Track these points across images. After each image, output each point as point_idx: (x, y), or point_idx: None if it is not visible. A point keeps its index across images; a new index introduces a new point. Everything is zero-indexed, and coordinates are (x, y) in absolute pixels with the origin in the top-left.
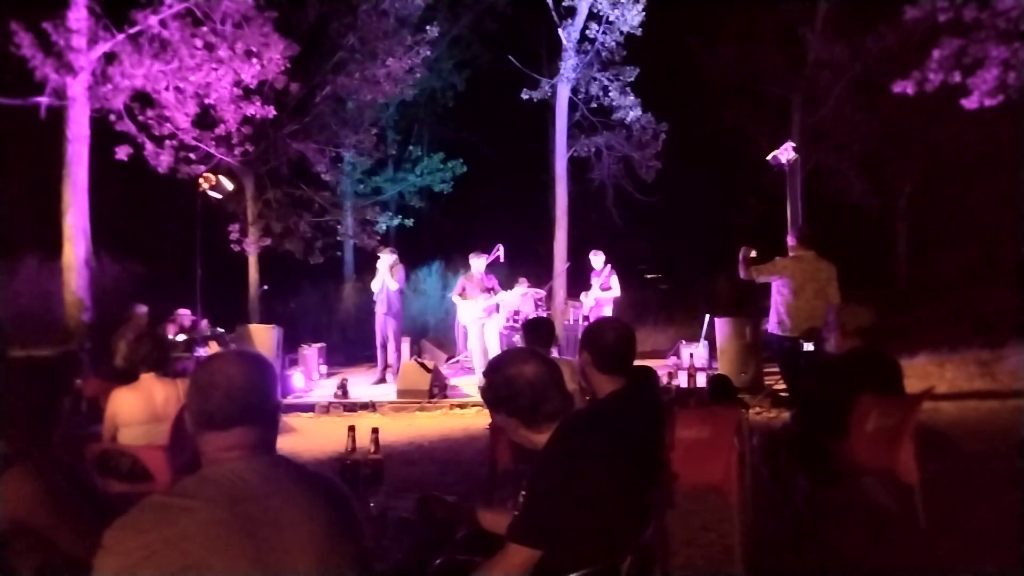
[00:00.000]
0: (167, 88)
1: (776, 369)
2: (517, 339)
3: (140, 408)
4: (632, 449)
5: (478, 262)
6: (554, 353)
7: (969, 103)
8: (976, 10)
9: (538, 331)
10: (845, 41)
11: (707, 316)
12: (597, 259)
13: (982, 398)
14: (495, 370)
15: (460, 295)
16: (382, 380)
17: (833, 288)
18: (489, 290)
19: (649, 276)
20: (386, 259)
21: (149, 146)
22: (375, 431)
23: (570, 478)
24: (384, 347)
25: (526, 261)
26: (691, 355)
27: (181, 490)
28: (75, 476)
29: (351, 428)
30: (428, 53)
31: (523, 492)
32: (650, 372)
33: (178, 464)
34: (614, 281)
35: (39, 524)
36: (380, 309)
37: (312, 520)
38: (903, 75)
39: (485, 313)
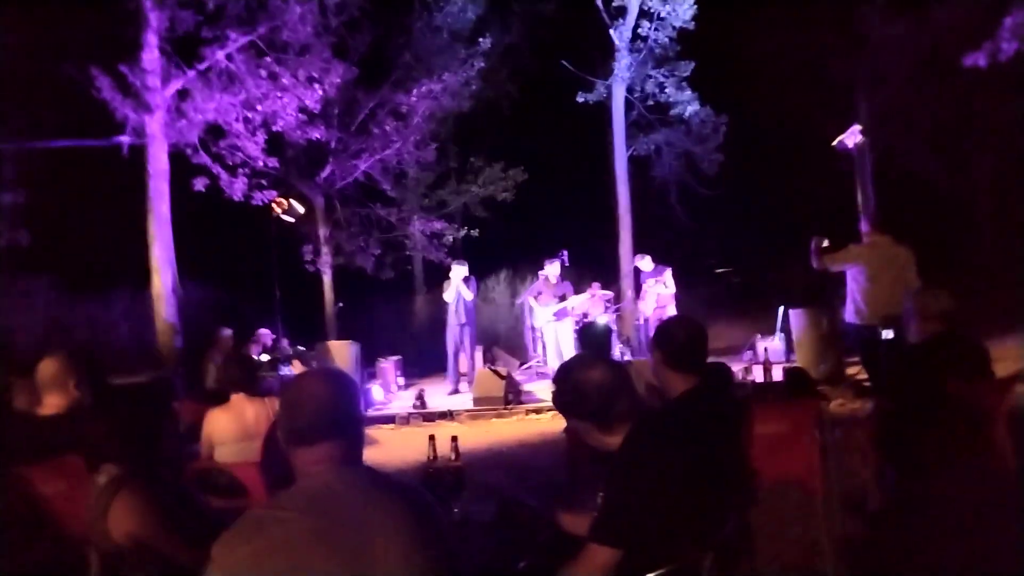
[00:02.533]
0: (237, 119)
1: (857, 359)
2: None
3: (233, 427)
4: (707, 447)
5: (552, 268)
6: (627, 355)
7: None
8: None
9: (592, 338)
10: (908, 16)
11: (782, 308)
12: (645, 262)
13: None
14: (563, 377)
15: (535, 298)
16: (457, 390)
17: (912, 274)
18: (562, 296)
19: (719, 271)
20: (459, 270)
21: (224, 176)
22: (454, 439)
23: (645, 477)
24: (457, 357)
25: (593, 264)
26: (765, 349)
27: (276, 503)
28: (180, 494)
29: (431, 437)
30: (482, 64)
31: (601, 493)
32: (724, 369)
33: (271, 478)
34: (669, 277)
35: (150, 539)
36: (453, 320)
37: (398, 526)
38: (974, 48)
39: (555, 317)
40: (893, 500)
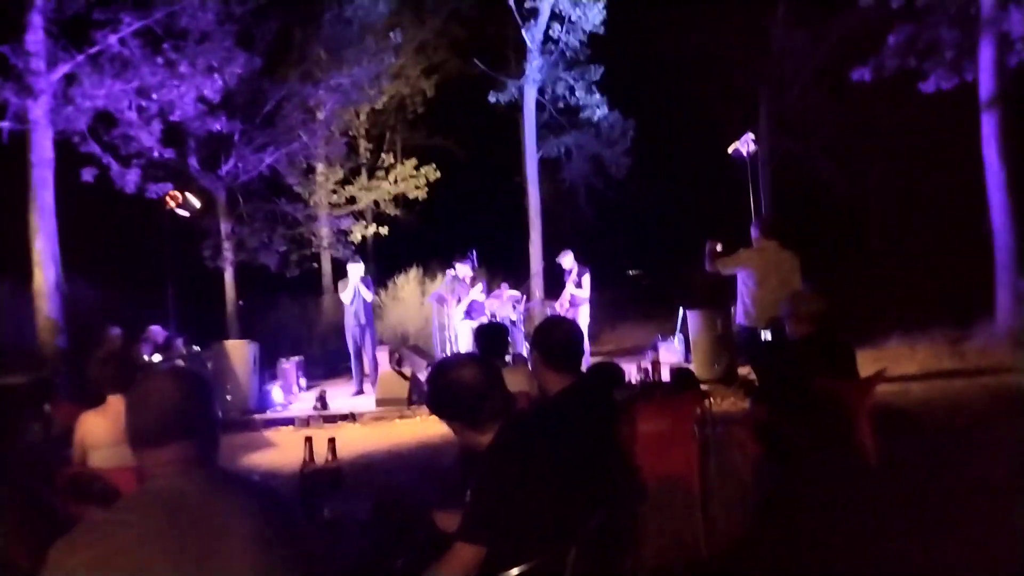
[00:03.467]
0: (130, 107)
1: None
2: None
3: (108, 430)
4: (576, 443)
5: (463, 268)
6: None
7: (926, 87)
8: None
9: (488, 338)
10: (806, 30)
11: (681, 309)
12: (566, 259)
13: (950, 377)
14: (435, 377)
15: (457, 302)
16: (361, 391)
17: (796, 278)
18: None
19: (632, 272)
20: (356, 269)
21: (115, 166)
22: (331, 440)
23: (510, 475)
24: (359, 357)
25: (503, 263)
26: (654, 349)
27: (120, 506)
28: (35, 499)
29: (308, 439)
30: (393, 59)
31: (468, 492)
32: (612, 368)
33: None
34: (586, 280)
35: None
36: (351, 320)
37: (249, 527)
38: (863, 61)
39: (467, 315)
40: (769, 494)
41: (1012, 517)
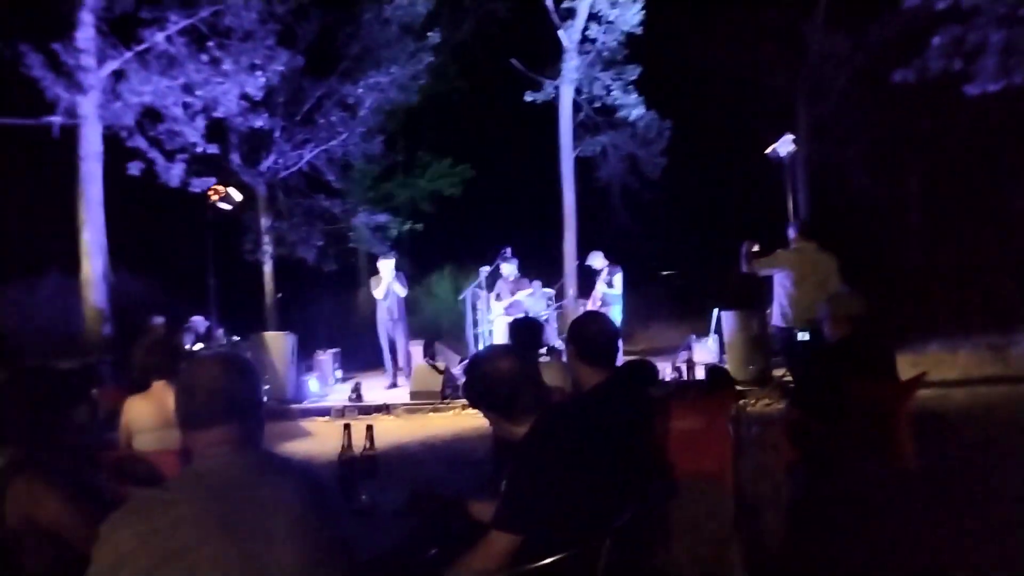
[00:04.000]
0: (175, 103)
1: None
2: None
3: (153, 415)
4: (610, 437)
5: (509, 266)
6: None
7: (972, 89)
8: None
9: (522, 332)
10: (846, 33)
11: (716, 310)
12: (596, 260)
13: (993, 384)
14: (472, 368)
15: (498, 297)
16: (395, 384)
17: (835, 280)
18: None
19: (665, 273)
20: (388, 264)
21: (160, 160)
22: (369, 428)
23: (545, 465)
24: (392, 351)
25: (537, 262)
26: (689, 348)
27: (168, 486)
28: (82, 479)
29: (347, 426)
30: (431, 59)
31: (504, 482)
32: (647, 366)
33: None
34: (617, 279)
35: (47, 523)
36: (384, 315)
37: (293, 509)
38: (905, 64)
39: (507, 312)
40: (803, 497)
41: None
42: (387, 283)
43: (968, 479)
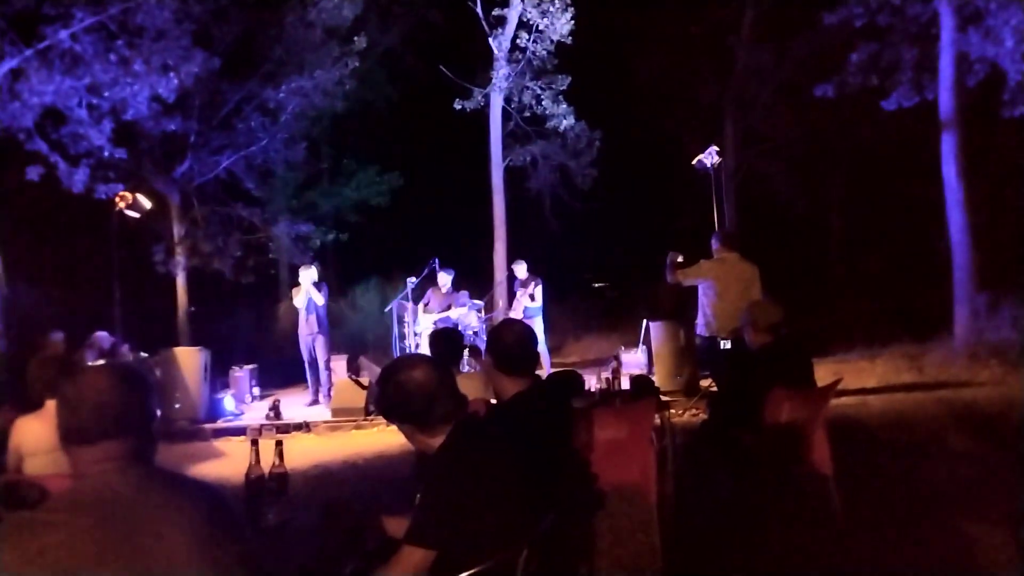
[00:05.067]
0: (80, 104)
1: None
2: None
3: (45, 436)
4: (531, 447)
5: (445, 277)
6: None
7: (888, 104)
8: (889, 15)
9: (441, 342)
10: (771, 47)
11: (645, 321)
12: (520, 269)
13: (909, 391)
14: (386, 378)
15: (424, 307)
16: (316, 401)
17: (756, 289)
18: (447, 307)
19: (597, 284)
20: (308, 274)
21: (62, 165)
22: (279, 444)
23: (460, 477)
24: (314, 366)
25: (466, 272)
26: (617, 358)
27: (47, 506)
28: None
29: (254, 442)
30: (356, 64)
31: (418, 495)
32: (572, 376)
33: None
34: (538, 291)
35: None
36: (304, 328)
37: (188, 529)
38: (826, 79)
39: (435, 326)
40: (726, 504)
41: (965, 527)
42: (305, 293)
43: (884, 483)
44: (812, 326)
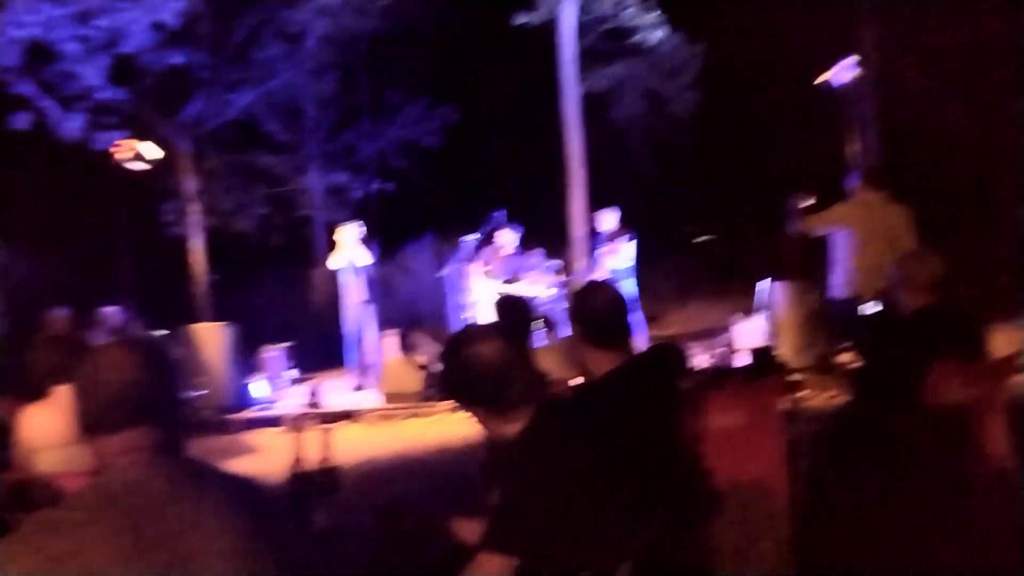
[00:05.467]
0: (71, 37)
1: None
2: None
3: (55, 428)
4: (630, 436)
5: (508, 235)
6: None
7: None
8: None
9: (507, 310)
10: None
11: (764, 282)
12: (608, 219)
13: None
14: (449, 354)
15: (486, 271)
16: (362, 385)
17: (908, 238)
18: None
19: (701, 238)
20: (349, 231)
21: (54, 110)
22: (326, 435)
23: (547, 470)
24: (361, 343)
25: (537, 226)
26: (728, 328)
27: (72, 503)
28: None
29: (298, 435)
30: None
31: (497, 491)
32: (673, 350)
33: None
34: (627, 249)
35: None
36: (355, 296)
37: (226, 528)
38: None
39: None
40: (872, 506)
41: None
42: (348, 252)
43: None
44: (983, 283)
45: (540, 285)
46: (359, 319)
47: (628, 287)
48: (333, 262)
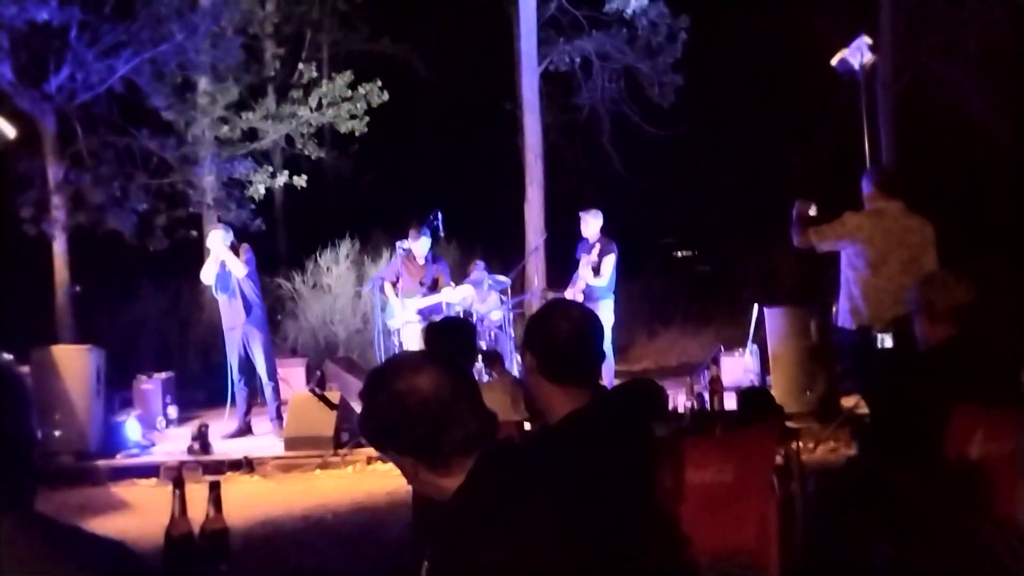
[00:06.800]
0: None
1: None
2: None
3: None
4: (593, 495)
5: (418, 241)
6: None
7: None
8: None
9: (444, 336)
10: None
11: (756, 307)
12: (592, 222)
13: None
14: (375, 388)
15: (393, 285)
16: (244, 430)
17: (930, 256)
18: (433, 283)
19: (680, 253)
20: (218, 235)
21: None
22: (214, 487)
23: (490, 536)
24: (247, 376)
25: (484, 234)
26: (714, 365)
27: None
28: None
29: (177, 484)
30: None
31: (425, 563)
32: (650, 388)
33: None
34: (608, 263)
35: None
36: (228, 318)
37: None
38: None
39: (421, 316)
40: None
41: None
42: (215, 262)
43: None
44: (1016, 311)
45: (488, 303)
46: (245, 345)
47: (606, 310)
48: (204, 275)
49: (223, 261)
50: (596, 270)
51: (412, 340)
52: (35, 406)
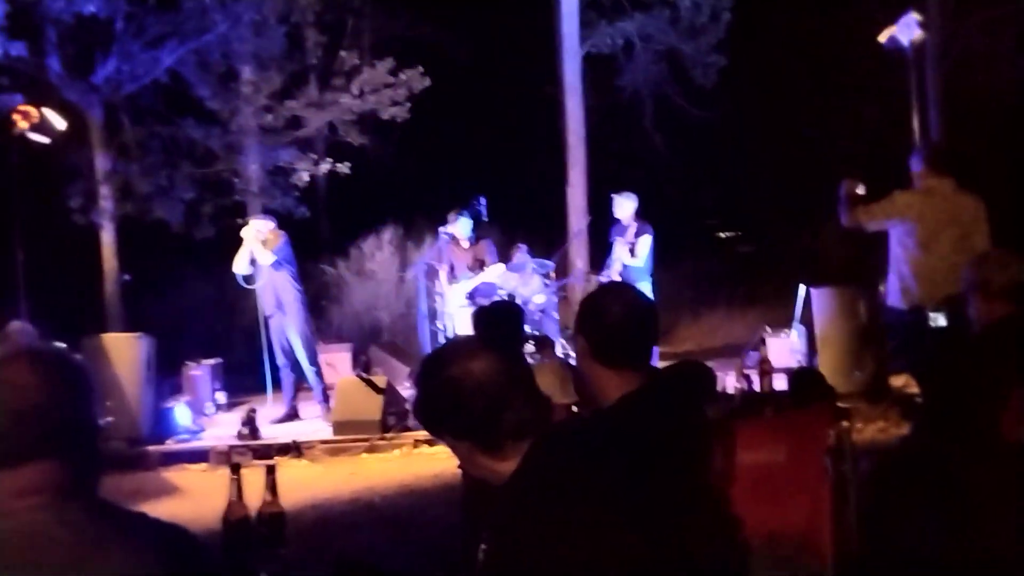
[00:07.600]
0: None
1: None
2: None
3: None
4: (646, 477)
5: (461, 224)
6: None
7: None
8: None
9: (493, 320)
10: None
11: (802, 288)
12: (626, 205)
13: None
14: (430, 373)
15: (450, 272)
16: (292, 415)
17: (982, 235)
18: (480, 264)
19: (725, 234)
20: (256, 225)
21: None
22: (271, 471)
23: (547, 519)
24: (292, 360)
25: (525, 219)
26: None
27: None
28: None
29: (234, 469)
30: None
31: (483, 546)
32: (699, 371)
33: None
34: (644, 244)
35: None
36: (264, 303)
37: None
38: None
39: (470, 299)
40: (934, 560)
41: None
42: (247, 253)
43: None
44: None
45: (531, 286)
46: (283, 332)
47: (646, 289)
48: (236, 266)
49: (253, 248)
50: (632, 251)
51: (463, 325)
52: (96, 396)
